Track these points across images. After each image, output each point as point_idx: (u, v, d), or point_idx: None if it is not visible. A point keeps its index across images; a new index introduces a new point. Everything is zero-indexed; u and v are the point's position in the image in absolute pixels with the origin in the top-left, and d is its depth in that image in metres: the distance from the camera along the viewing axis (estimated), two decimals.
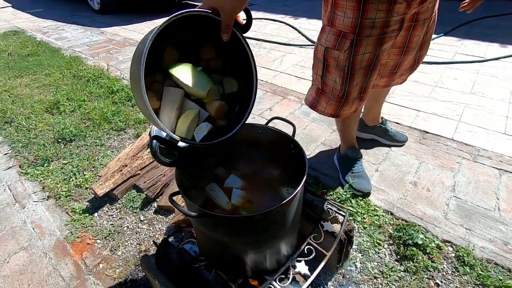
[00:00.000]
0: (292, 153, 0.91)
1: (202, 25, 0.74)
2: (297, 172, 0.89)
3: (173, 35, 0.72)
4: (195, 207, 0.68)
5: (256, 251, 0.80)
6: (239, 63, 0.84)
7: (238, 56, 0.82)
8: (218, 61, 0.87)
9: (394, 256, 1.23)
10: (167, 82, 0.80)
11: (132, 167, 1.62)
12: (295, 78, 2.79)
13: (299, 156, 0.85)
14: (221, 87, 0.87)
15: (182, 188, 0.74)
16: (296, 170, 0.92)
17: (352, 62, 1.14)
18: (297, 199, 0.76)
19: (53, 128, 2.12)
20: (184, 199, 0.73)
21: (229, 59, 0.86)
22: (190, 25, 0.74)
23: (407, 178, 1.60)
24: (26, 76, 3.04)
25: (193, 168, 0.89)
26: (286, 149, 0.93)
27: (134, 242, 1.35)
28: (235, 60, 0.85)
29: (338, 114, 1.33)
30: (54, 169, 1.77)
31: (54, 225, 1.44)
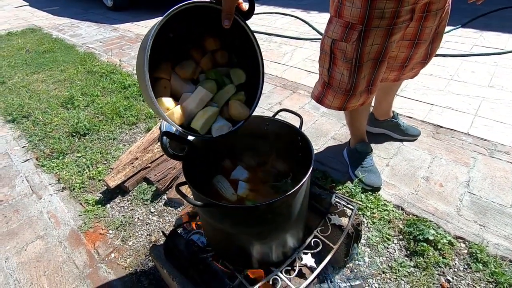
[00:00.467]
0: (299, 145, 0.90)
1: (205, 16, 0.74)
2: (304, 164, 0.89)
3: (174, 28, 0.72)
4: (201, 197, 0.69)
5: (262, 242, 0.80)
6: (244, 52, 0.83)
7: (242, 45, 0.81)
8: (224, 54, 0.87)
9: (404, 251, 1.21)
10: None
11: (143, 160, 1.65)
12: (305, 72, 2.76)
13: (306, 148, 0.85)
14: (229, 79, 0.87)
15: (189, 179, 0.75)
16: (303, 162, 0.92)
17: (360, 54, 1.11)
18: (302, 190, 0.76)
19: (68, 122, 2.18)
20: (191, 189, 0.73)
21: (234, 49, 0.86)
22: (192, 17, 0.73)
23: (419, 173, 1.57)
24: (43, 72, 3.12)
25: (200, 160, 0.89)
26: (293, 141, 0.92)
27: (145, 233, 1.38)
28: (239, 49, 0.84)
29: (345, 107, 1.31)
30: (68, 162, 1.83)
31: (69, 215, 1.48)
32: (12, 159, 1.90)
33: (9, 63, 3.39)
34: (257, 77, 0.82)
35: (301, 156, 0.90)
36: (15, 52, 3.74)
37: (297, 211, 0.80)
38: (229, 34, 0.76)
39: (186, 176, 0.76)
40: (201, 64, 0.85)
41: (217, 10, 0.71)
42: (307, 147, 0.84)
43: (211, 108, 0.79)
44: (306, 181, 0.73)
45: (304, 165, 0.80)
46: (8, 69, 3.25)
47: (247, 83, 0.86)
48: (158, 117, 2.20)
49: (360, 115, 1.49)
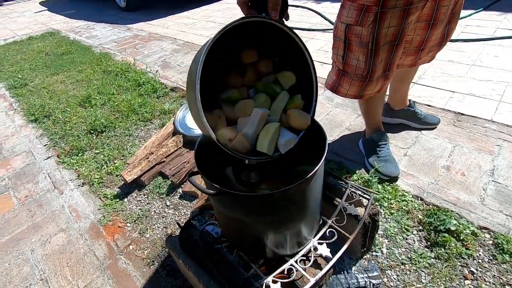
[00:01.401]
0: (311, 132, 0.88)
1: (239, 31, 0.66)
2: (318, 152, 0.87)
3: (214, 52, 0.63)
4: (212, 186, 0.68)
5: (276, 232, 0.80)
6: (286, 53, 0.78)
7: (283, 47, 0.77)
8: (267, 63, 0.82)
9: (424, 242, 1.17)
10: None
11: (158, 155, 1.68)
12: (318, 63, 2.70)
13: (318, 135, 0.83)
14: (279, 85, 0.83)
15: (200, 168, 0.75)
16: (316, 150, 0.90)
17: (376, 37, 1.07)
18: (316, 177, 0.74)
19: (86, 120, 2.25)
20: (203, 178, 0.73)
21: (275, 54, 0.81)
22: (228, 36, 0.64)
23: (439, 162, 1.51)
24: (61, 73, 3.23)
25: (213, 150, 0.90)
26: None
27: (161, 226, 1.40)
28: (281, 52, 0.80)
29: (362, 95, 1.27)
30: (87, 158, 1.88)
31: (89, 209, 1.53)
32: (35, 156, 1.98)
33: (31, 66, 3.53)
34: (306, 74, 0.78)
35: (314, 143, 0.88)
36: (36, 55, 3.88)
37: (311, 199, 0.79)
38: (266, 41, 0.72)
39: (198, 165, 0.76)
40: (246, 82, 0.81)
41: (254, 23, 0.65)
42: (320, 134, 0.82)
43: (272, 124, 0.74)
44: (320, 167, 0.71)
45: (318, 152, 0.78)
46: (30, 71, 3.38)
47: (298, 82, 0.82)
48: (172, 113, 2.23)
49: (376, 103, 1.44)
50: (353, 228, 0.98)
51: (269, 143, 0.71)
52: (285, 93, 0.81)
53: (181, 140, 1.79)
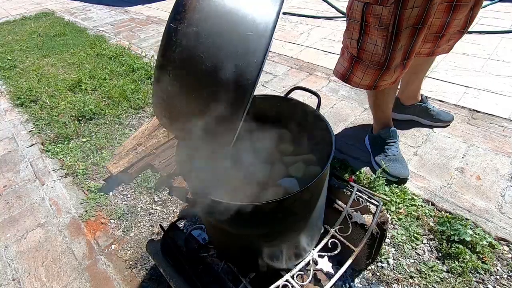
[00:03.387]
0: (316, 129, 0.75)
1: None
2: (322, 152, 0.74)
3: None
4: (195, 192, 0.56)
5: (270, 244, 0.68)
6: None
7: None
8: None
9: (435, 253, 1.06)
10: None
11: (147, 146, 1.55)
12: (323, 52, 2.55)
13: (324, 133, 0.70)
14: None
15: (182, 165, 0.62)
16: (320, 150, 0.77)
17: (398, 18, 0.93)
18: (320, 184, 0.62)
19: (74, 106, 2.11)
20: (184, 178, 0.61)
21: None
22: None
23: (452, 163, 1.38)
24: (53, 56, 3.07)
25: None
26: (309, 124, 0.78)
27: (147, 224, 1.29)
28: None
29: (377, 85, 1.13)
30: (73, 147, 1.76)
31: (70, 203, 1.42)
32: (18, 143, 1.86)
33: (21, 47, 3.36)
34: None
35: (318, 142, 0.76)
36: (28, 36, 3.71)
37: (313, 209, 0.67)
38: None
39: (179, 162, 0.64)
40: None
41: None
42: (326, 132, 0.69)
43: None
44: (325, 172, 0.59)
45: (322, 152, 0.65)
46: (20, 53, 3.23)
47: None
48: None
49: (387, 95, 1.30)
50: (359, 239, 0.86)
51: None
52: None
53: None
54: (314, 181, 0.55)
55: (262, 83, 2.20)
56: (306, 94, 1.94)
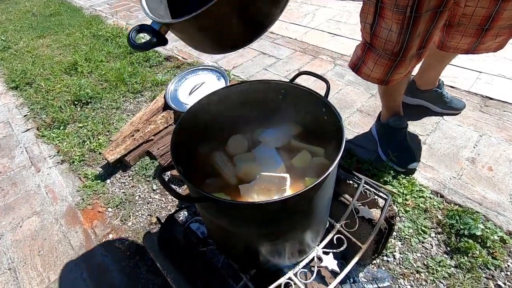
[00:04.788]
0: (324, 119, 0.69)
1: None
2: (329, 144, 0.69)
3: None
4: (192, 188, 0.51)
5: (272, 242, 0.63)
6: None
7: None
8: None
9: (443, 247, 1.02)
10: None
11: (145, 132, 1.50)
12: (329, 35, 2.44)
13: (333, 123, 0.64)
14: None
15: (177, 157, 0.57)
16: (328, 142, 0.71)
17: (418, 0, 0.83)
18: (329, 181, 0.57)
19: (70, 89, 2.04)
20: (179, 174, 0.56)
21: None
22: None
23: (462, 153, 1.32)
24: (48, 37, 2.97)
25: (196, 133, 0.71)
26: (316, 113, 0.71)
27: (145, 213, 1.26)
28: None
29: (388, 80, 1.03)
30: (69, 132, 1.71)
31: (67, 190, 1.38)
32: (13, 128, 1.81)
33: (15, 27, 3.25)
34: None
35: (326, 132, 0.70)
36: (22, 16, 3.58)
37: (319, 206, 0.61)
38: None
39: (174, 154, 0.58)
40: None
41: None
42: (335, 122, 0.63)
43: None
44: (334, 168, 0.53)
45: (330, 144, 0.60)
46: (14, 33, 3.12)
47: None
48: (166, 84, 2.02)
49: (400, 83, 1.22)
50: (366, 234, 0.82)
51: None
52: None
53: (172, 116, 1.60)
54: (323, 178, 0.50)
55: (264, 66, 2.11)
56: (310, 79, 1.86)
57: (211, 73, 1.76)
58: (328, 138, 0.70)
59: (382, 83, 1.05)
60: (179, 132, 0.66)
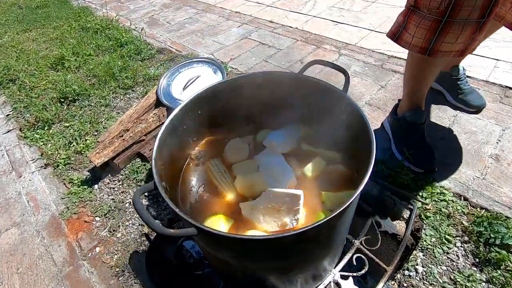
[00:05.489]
0: (342, 118, 0.56)
1: None
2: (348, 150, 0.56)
3: None
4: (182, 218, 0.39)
5: (282, 277, 0.51)
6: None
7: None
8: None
9: (471, 258, 0.91)
10: None
11: (135, 132, 1.36)
12: (332, 23, 2.29)
13: (355, 125, 0.51)
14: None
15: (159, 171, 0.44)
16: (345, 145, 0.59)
17: None
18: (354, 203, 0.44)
19: (56, 86, 1.90)
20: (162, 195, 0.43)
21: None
22: None
23: (485, 150, 1.20)
24: (34, 30, 2.81)
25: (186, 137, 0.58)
26: (332, 111, 0.59)
27: (136, 223, 1.14)
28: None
29: (432, 49, 0.86)
30: (54, 133, 1.58)
31: (50, 198, 1.26)
32: None
33: (0, 21, 3.08)
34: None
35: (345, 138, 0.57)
36: (7, 9, 3.41)
37: (341, 232, 0.49)
38: None
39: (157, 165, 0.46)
40: None
41: None
42: (358, 125, 0.50)
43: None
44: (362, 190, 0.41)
45: (348, 151, 0.47)
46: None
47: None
48: (158, 79, 1.88)
49: (434, 66, 1.04)
50: (388, 249, 0.70)
51: None
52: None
53: (165, 113, 1.47)
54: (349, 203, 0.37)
55: (264, 58, 1.97)
56: (314, 71, 1.72)
57: (207, 66, 1.62)
58: (346, 140, 0.58)
59: (425, 52, 0.89)
60: (164, 136, 0.53)
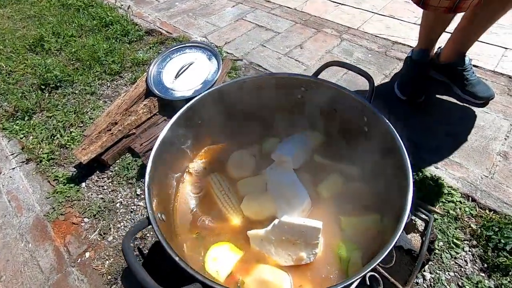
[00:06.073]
0: (364, 130, 0.49)
1: None
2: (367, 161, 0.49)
3: None
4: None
5: None
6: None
7: None
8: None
9: (479, 263, 0.88)
10: None
11: (125, 125, 1.27)
12: (332, 4, 2.15)
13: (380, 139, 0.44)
14: None
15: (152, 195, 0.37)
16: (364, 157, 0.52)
17: None
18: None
19: (36, 71, 1.75)
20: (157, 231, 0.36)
21: None
22: None
23: (493, 146, 1.16)
24: (9, 6, 2.57)
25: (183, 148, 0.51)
26: (352, 122, 0.51)
27: (129, 224, 1.07)
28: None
29: (457, 6, 0.91)
30: (36, 124, 1.46)
31: (33, 197, 1.17)
32: None
33: None
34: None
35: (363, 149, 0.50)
36: None
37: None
38: None
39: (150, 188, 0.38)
40: None
41: None
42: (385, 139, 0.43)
43: None
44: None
45: (367, 163, 0.40)
46: None
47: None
48: (148, 64, 1.75)
49: (443, 20, 1.16)
50: (402, 264, 0.65)
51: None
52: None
53: (156, 104, 1.37)
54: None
55: (261, 42, 1.85)
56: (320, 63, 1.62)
57: (201, 52, 1.51)
58: (366, 153, 0.51)
59: (450, 10, 0.94)
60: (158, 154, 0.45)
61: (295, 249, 0.43)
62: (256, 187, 0.51)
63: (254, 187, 0.51)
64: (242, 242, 0.46)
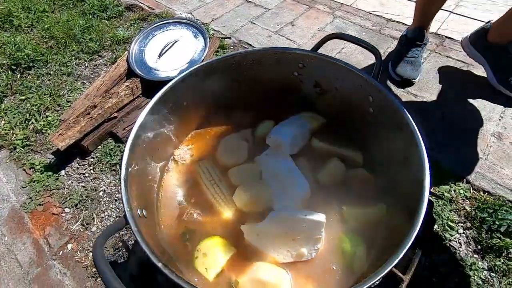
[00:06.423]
0: (369, 112, 0.44)
1: None
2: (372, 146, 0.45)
3: None
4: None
5: None
6: None
7: None
8: None
9: (473, 245, 0.88)
10: None
11: (105, 109, 1.18)
12: None
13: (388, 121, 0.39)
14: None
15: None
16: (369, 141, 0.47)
17: None
18: None
19: (5, 50, 1.61)
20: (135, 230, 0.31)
21: None
22: None
23: (487, 127, 1.14)
24: None
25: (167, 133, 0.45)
26: (355, 101, 0.46)
27: (113, 214, 1.01)
28: None
29: None
30: (7, 108, 1.35)
31: (8, 187, 1.09)
32: None
33: None
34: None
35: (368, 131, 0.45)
36: None
37: None
38: None
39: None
40: None
41: None
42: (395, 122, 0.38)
43: None
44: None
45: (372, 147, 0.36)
46: None
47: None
48: (129, 42, 1.63)
49: None
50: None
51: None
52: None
53: (139, 85, 1.28)
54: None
55: (250, 19, 1.75)
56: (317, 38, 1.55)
57: (186, 29, 1.40)
58: (370, 137, 0.46)
59: None
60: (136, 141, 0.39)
61: (295, 245, 0.38)
62: (250, 175, 0.46)
63: (247, 175, 0.46)
64: (234, 237, 0.42)
